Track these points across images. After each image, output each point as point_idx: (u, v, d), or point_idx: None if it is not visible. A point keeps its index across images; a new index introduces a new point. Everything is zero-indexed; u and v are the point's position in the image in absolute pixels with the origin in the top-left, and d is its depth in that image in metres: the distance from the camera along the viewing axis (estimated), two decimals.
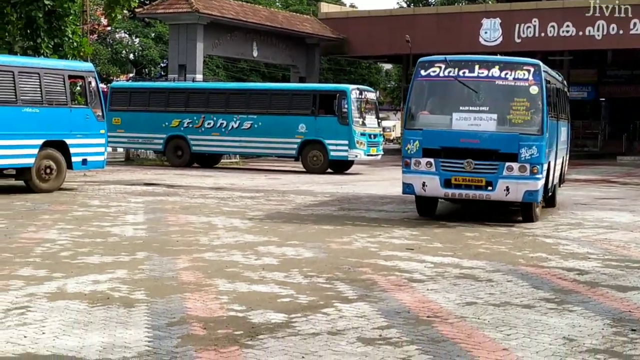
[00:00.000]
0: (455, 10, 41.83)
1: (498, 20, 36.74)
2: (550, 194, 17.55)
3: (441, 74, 15.46)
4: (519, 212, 16.92)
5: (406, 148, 15.64)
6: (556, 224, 16.31)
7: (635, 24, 34.45)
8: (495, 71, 15.08)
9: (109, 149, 26.97)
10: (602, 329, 8.06)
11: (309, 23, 47.72)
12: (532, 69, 15.04)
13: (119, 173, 28.09)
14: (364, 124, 30.97)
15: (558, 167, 18.52)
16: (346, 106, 30.29)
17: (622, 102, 45.21)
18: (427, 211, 16.53)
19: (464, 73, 15.26)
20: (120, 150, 36.19)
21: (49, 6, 27.23)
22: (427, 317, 8.38)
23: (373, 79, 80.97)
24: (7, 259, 11.16)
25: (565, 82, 21.69)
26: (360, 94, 31.38)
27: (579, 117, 44.97)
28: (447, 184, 15.14)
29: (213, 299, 9.02)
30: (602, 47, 37.18)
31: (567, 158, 22.10)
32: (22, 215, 16.02)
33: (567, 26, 35.80)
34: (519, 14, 37.02)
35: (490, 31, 35.99)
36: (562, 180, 20.93)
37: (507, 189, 14.74)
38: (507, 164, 14.74)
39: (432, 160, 15.18)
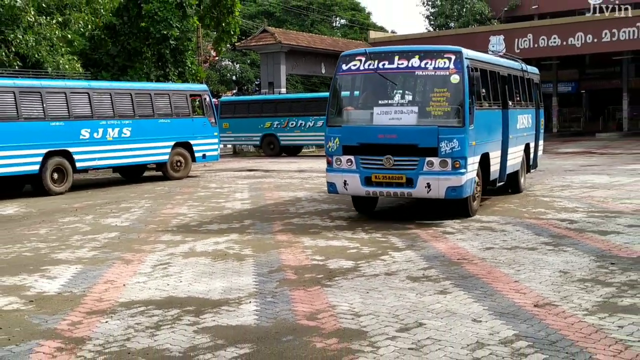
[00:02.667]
0: (469, 31, 41.08)
1: (502, 37, 36.05)
2: (503, 182, 13.30)
3: (361, 67, 11.27)
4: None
5: (328, 146, 11.42)
6: (551, 187, 16.02)
7: (606, 33, 33.57)
8: (415, 61, 10.83)
9: (221, 146, 27.26)
10: (589, 263, 7.98)
11: (362, 47, 47.61)
12: (453, 57, 10.71)
13: (229, 163, 28.36)
14: None
15: (516, 155, 14.08)
16: None
17: (598, 92, 44.24)
18: (363, 208, 12.29)
19: (383, 65, 11.05)
20: (229, 146, 36.49)
21: (174, 45, 27.55)
22: (457, 259, 8.37)
23: None
24: (152, 229, 11.38)
25: (528, 68, 16.02)
26: None
27: (566, 105, 44.30)
28: (367, 181, 10.99)
29: (300, 252, 9.09)
30: (581, 53, 36.27)
31: (539, 143, 16.73)
32: (162, 197, 16.29)
33: (554, 38, 34.99)
34: (517, 31, 36.34)
35: (496, 45, 35.31)
36: (532, 165, 16.10)
37: (429, 185, 10.56)
38: (427, 159, 10.53)
39: (352, 157, 11.07)
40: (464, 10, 51.95)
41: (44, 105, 17.08)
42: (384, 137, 10.78)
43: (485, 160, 11.85)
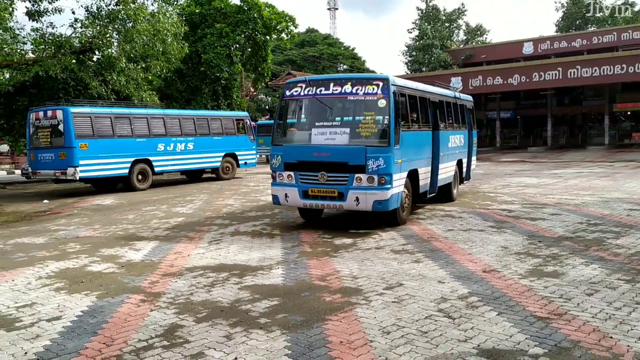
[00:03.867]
0: (436, 73, 40.88)
1: (460, 78, 35.84)
2: (434, 194, 11.19)
3: (302, 93, 9.39)
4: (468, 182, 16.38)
5: (272, 162, 9.48)
6: (495, 186, 15.93)
7: (535, 75, 33.32)
8: (347, 87, 8.98)
9: (258, 156, 27.27)
10: (522, 241, 7.91)
11: None
12: (380, 84, 8.80)
13: (263, 168, 28.35)
14: None
15: (448, 170, 12.01)
16: None
17: (529, 118, 43.90)
18: (309, 217, 10.35)
19: (321, 91, 9.17)
20: (263, 156, 36.41)
21: (224, 84, 27.65)
22: (427, 238, 8.32)
23: None
24: (208, 216, 11.39)
25: (461, 96, 13.86)
26: None
27: (506, 127, 44.02)
28: (305, 195, 9.09)
29: (314, 232, 9.07)
30: (517, 89, 36.00)
31: (470, 159, 14.38)
32: (215, 192, 16.31)
33: (497, 79, 34.77)
34: (471, 74, 36.14)
35: (456, 83, 35.10)
36: (464, 177, 13.79)
37: (357, 199, 8.67)
38: (356, 175, 8.63)
39: (292, 173, 9.18)
40: (432, 59, 51.83)
41: (132, 126, 17.17)
42: (318, 155, 8.86)
43: (414, 176, 9.89)
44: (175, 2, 21.85)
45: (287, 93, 9.53)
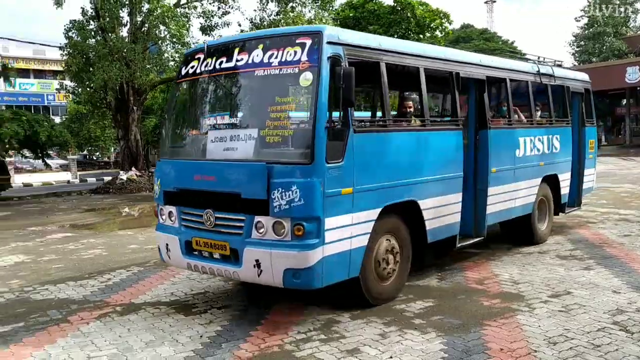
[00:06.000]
0: (608, 64, 37.04)
1: (637, 67, 32.11)
2: (481, 238, 6.47)
3: (198, 70, 5.24)
4: None
5: (154, 190, 5.53)
6: None
7: None
8: (257, 54, 4.71)
9: None
10: None
11: None
12: (307, 43, 4.40)
13: None
14: None
15: (516, 195, 7.01)
16: None
17: None
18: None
19: (221, 64, 5.03)
20: None
21: None
22: (599, 243, 7.62)
23: None
24: None
25: (555, 72, 8.20)
26: None
27: None
28: (188, 248, 5.02)
29: None
30: None
31: (580, 172, 8.82)
32: None
33: None
34: None
35: (632, 74, 31.53)
36: (566, 202, 8.53)
37: (258, 263, 4.44)
38: (256, 218, 4.47)
39: (174, 209, 5.17)
40: (604, 47, 47.26)
41: None
42: (201, 180, 4.95)
43: (411, 212, 5.41)
44: (330, 8, 22.57)
45: (183, 71, 5.53)
